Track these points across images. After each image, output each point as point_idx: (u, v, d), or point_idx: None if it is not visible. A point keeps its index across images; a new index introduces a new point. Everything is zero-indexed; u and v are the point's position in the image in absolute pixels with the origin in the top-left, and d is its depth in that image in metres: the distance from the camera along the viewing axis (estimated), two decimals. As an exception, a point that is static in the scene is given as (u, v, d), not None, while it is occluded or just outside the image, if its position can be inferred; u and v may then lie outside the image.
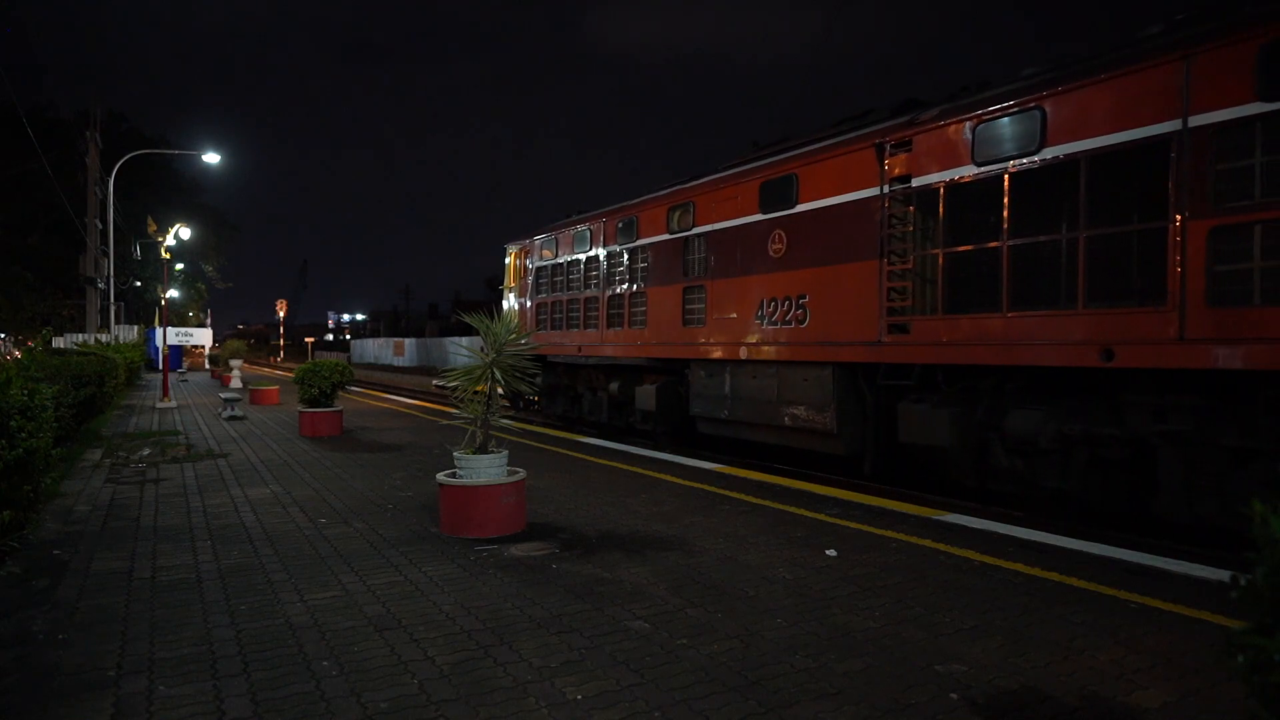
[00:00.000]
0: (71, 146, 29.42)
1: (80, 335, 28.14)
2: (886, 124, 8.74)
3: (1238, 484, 5.90)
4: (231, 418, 14.72)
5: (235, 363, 21.33)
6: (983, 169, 7.43)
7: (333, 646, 3.72)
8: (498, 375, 6.14)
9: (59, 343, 25.20)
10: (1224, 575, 4.60)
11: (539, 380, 6.41)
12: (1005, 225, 7.19)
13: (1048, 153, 6.89)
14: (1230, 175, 5.73)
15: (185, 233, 28.06)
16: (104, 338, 26.72)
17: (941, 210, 7.81)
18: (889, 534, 5.90)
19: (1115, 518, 7.09)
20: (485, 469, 5.92)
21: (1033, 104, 7.05)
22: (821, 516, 6.50)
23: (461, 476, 5.95)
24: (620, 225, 13.36)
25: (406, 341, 62.02)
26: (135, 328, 38.52)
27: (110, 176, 27.76)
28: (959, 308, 7.65)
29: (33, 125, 24.69)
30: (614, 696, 3.21)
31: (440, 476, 6.06)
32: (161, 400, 18.85)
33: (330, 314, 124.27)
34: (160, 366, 22.51)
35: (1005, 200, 7.20)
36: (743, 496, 7.34)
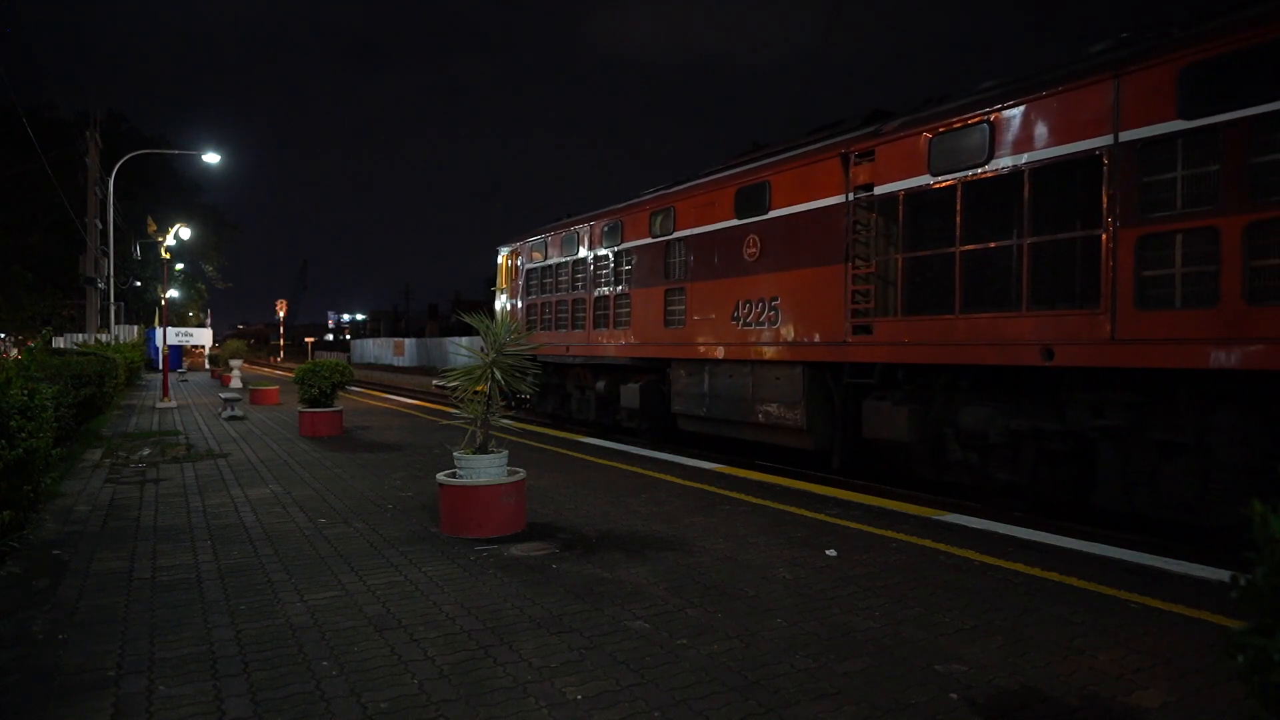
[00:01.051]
0: (71, 146, 29.40)
1: (80, 335, 28.15)
2: (852, 135, 9.13)
3: (1167, 476, 6.32)
4: (231, 418, 14.72)
5: (235, 363, 21.33)
6: (938, 179, 7.91)
7: (333, 646, 3.72)
8: (498, 375, 6.14)
9: (59, 343, 25.20)
10: (1224, 575, 4.61)
11: (539, 380, 6.52)
12: (958, 232, 7.64)
13: (995, 164, 7.36)
14: (1155, 187, 6.17)
15: (185, 233, 28.06)
16: (104, 338, 26.72)
17: (901, 217, 8.27)
18: (889, 534, 5.90)
19: (1086, 513, 7.12)
20: (485, 469, 5.92)
21: (981, 118, 7.50)
22: (821, 516, 6.51)
23: (461, 476, 5.95)
24: (606, 229, 13.81)
25: (406, 341, 62.02)
26: (135, 328, 38.52)
27: (110, 176, 27.75)
28: (917, 310, 8.10)
29: (33, 125, 24.68)
30: (614, 696, 3.21)
31: (440, 476, 6.06)
32: (161, 400, 18.85)
33: (330, 314, 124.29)
34: (160, 366, 22.52)
35: (958, 208, 7.66)
36: (743, 496, 7.34)
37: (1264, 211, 5.54)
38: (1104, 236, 6.45)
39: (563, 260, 15.24)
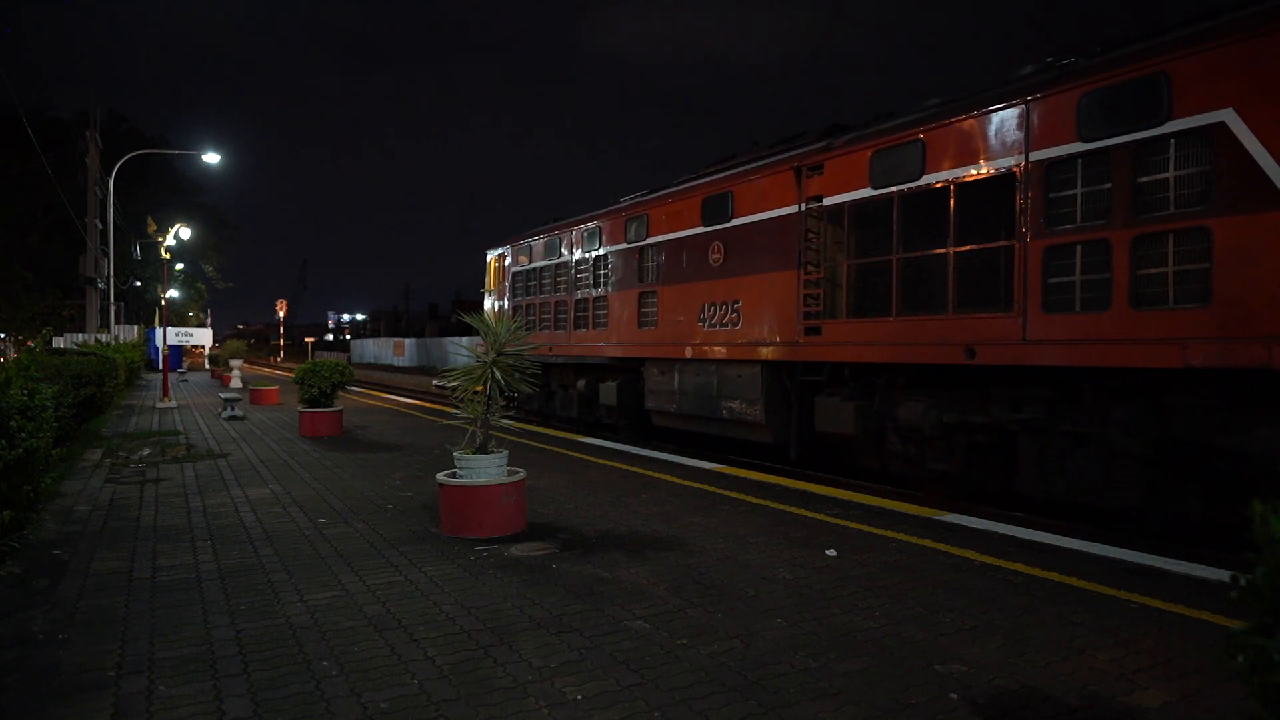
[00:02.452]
0: (71, 146, 29.40)
1: (80, 335, 28.14)
2: (805, 149, 9.77)
3: (1075, 464, 6.91)
4: (231, 418, 14.72)
5: (235, 363, 21.33)
6: (878, 191, 8.56)
7: (333, 646, 3.72)
8: (498, 375, 6.14)
9: (59, 343, 25.20)
10: (1224, 575, 4.61)
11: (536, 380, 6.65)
12: (895, 240, 8.31)
13: (927, 179, 8.00)
14: (1059, 203, 6.84)
15: (185, 233, 28.06)
16: (104, 338, 26.71)
17: (846, 226, 8.98)
18: (889, 534, 5.90)
19: (1085, 514, 7.12)
20: (485, 469, 5.92)
21: (915, 136, 8.14)
22: (821, 516, 6.51)
23: (461, 476, 5.95)
24: (586, 234, 14.44)
25: (406, 341, 62.01)
26: (135, 328, 38.51)
27: (110, 176, 27.74)
28: (860, 312, 8.79)
29: (33, 125, 24.68)
30: (614, 696, 3.21)
31: (440, 476, 6.06)
32: (161, 400, 18.85)
33: (330, 314, 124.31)
34: (160, 366, 22.51)
35: (895, 219, 8.33)
36: (742, 496, 7.35)
37: (1147, 226, 6.18)
38: (1017, 246, 7.10)
39: (546, 264, 15.86)
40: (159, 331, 30.76)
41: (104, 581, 4.75)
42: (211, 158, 28.58)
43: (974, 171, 7.52)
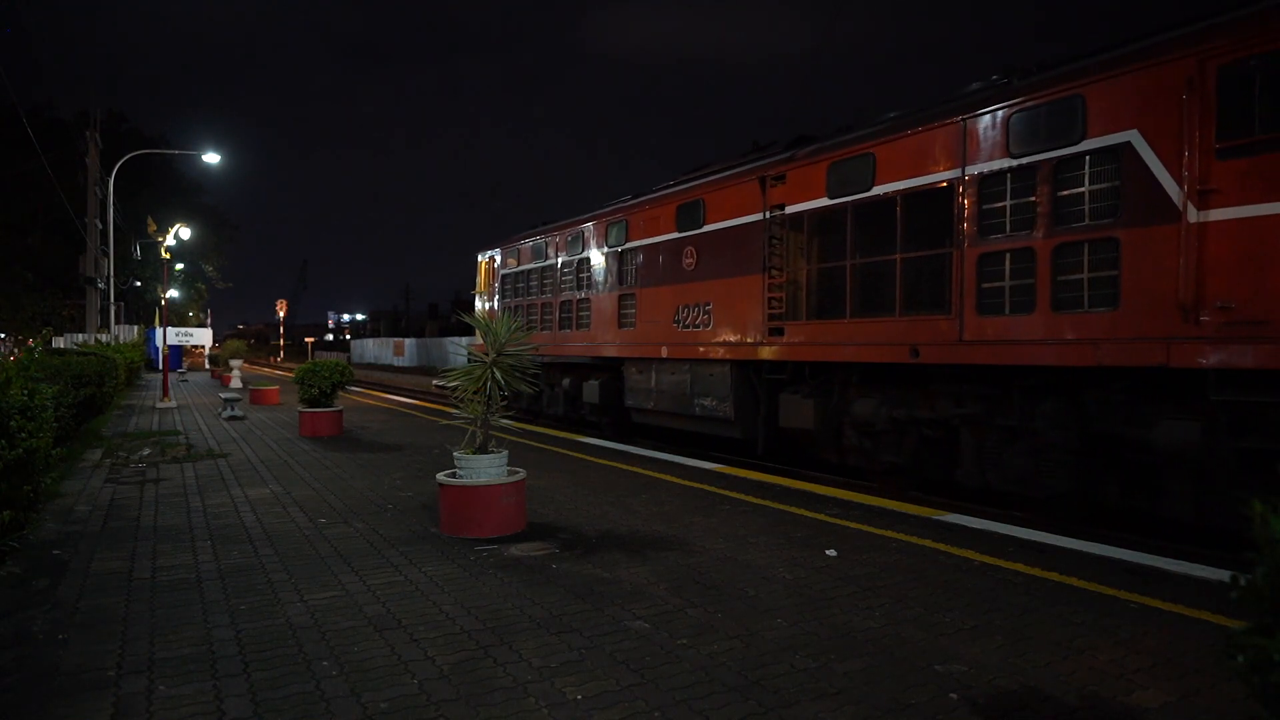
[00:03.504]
0: (71, 146, 29.40)
1: (80, 335, 28.15)
2: (770, 160, 10.29)
3: (1010, 456, 7.46)
4: (231, 418, 14.72)
5: (235, 363, 21.33)
6: (834, 201, 9.06)
7: (333, 646, 3.72)
8: (498, 375, 6.14)
9: (59, 343, 25.21)
10: (1224, 575, 4.60)
11: (537, 380, 6.79)
12: (849, 247, 8.84)
13: (877, 190, 8.51)
14: (991, 214, 7.35)
15: (185, 233, 28.03)
16: (104, 338, 26.72)
17: (806, 233, 9.49)
18: (889, 534, 5.90)
19: (1087, 514, 7.13)
20: (485, 469, 5.92)
21: (867, 150, 8.66)
22: (821, 516, 6.51)
23: (461, 476, 5.95)
24: (570, 239, 15.00)
25: (406, 341, 62.00)
26: (135, 328, 38.51)
27: (110, 176, 27.74)
28: (818, 314, 9.31)
29: (33, 125, 24.68)
30: (614, 696, 3.21)
31: (440, 476, 6.06)
32: (161, 400, 18.85)
33: (330, 314, 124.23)
34: (160, 366, 22.51)
35: (849, 227, 8.85)
36: (742, 496, 7.35)
37: (1066, 236, 6.72)
38: (955, 254, 7.63)
39: (534, 266, 16.48)
40: (159, 331, 30.76)
41: (104, 581, 4.75)
42: (211, 158, 28.58)
43: (918, 183, 8.05)
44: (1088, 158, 6.60)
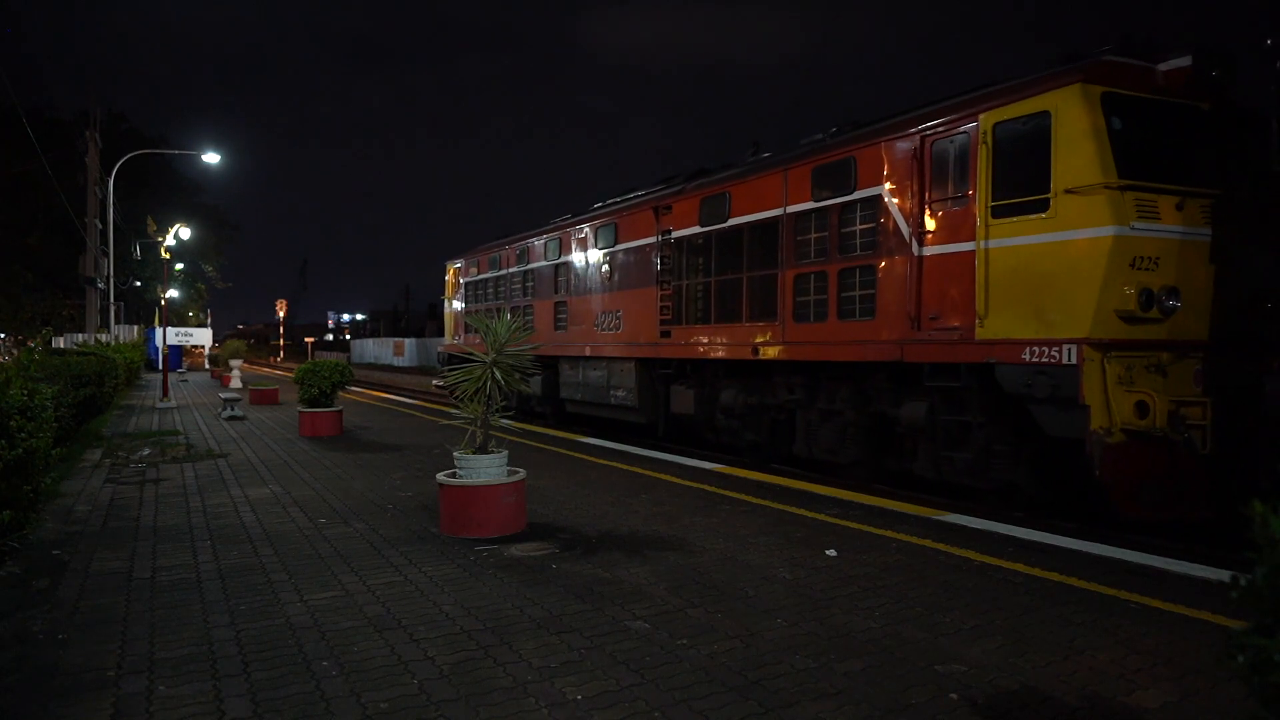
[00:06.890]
0: (71, 146, 29.36)
1: (80, 335, 28.13)
2: (662, 192, 12.59)
3: (824, 432, 9.46)
4: (231, 418, 14.72)
5: (235, 363, 21.34)
6: (704, 229, 11.30)
7: (333, 646, 3.72)
8: (498, 375, 6.13)
9: (59, 343, 25.19)
10: (1224, 575, 4.60)
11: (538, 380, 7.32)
12: (713, 266, 11.08)
13: (731, 222, 10.72)
14: (802, 244, 9.49)
15: (185, 233, 28.05)
16: (104, 338, 26.70)
17: (686, 254, 11.73)
18: (889, 534, 5.90)
19: (1082, 513, 7.13)
20: (485, 469, 5.92)
21: (725, 189, 10.93)
22: (821, 516, 6.51)
23: (461, 476, 5.95)
24: (519, 252, 17.28)
25: (406, 341, 61.97)
26: (135, 328, 38.50)
27: (110, 176, 27.71)
28: (693, 320, 11.55)
29: (33, 125, 24.66)
30: (614, 696, 3.21)
31: (440, 476, 6.05)
32: (161, 400, 18.86)
33: (330, 314, 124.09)
34: (160, 366, 22.51)
35: (713, 250, 11.11)
36: (742, 496, 7.35)
37: (846, 262, 8.84)
38: (780, 274, 9.77)
39: (490, 275, 18.73)
40: (159, 331, 30.76)
41: (104, 581, 4.75)
42: (211, 158, 28.55)
43: (757, 218, 10.22)
44: (858, 204, 8.71)
